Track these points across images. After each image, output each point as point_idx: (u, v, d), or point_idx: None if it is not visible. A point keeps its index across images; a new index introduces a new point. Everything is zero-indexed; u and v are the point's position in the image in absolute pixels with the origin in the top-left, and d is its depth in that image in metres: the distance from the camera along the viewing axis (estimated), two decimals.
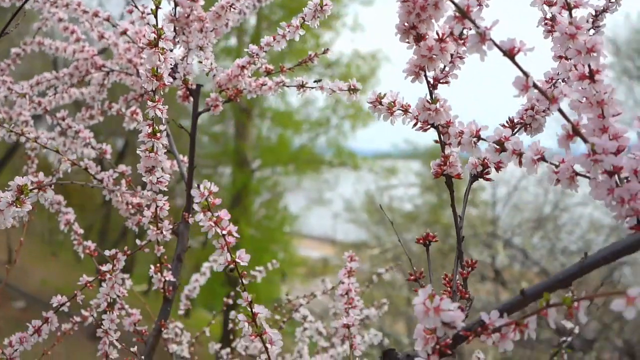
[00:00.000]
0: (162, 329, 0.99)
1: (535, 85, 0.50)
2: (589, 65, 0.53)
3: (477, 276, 6.58)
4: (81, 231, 1.10)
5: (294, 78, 0.98)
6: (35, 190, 0.65)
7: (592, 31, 0.73)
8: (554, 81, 0.71)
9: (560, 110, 0.51)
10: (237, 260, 0.63)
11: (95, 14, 1.10)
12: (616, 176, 0.52)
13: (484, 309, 0.54)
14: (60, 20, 1.20)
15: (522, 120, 0.69)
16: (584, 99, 0.55)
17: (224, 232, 0.62)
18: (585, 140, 0.51)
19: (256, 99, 11.58)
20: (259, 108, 11.78)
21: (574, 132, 0.51)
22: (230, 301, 1.57)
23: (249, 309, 0.65)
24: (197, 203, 0.61)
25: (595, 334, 5.46)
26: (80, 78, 1.18)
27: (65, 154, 1.03)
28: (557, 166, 0.56)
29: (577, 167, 0.56)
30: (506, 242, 5.39)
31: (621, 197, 0.51)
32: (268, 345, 0.65)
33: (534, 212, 6.61)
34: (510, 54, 0.51)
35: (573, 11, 0.56)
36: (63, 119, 1.12)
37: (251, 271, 1.42)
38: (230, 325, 1.47)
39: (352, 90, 0.85)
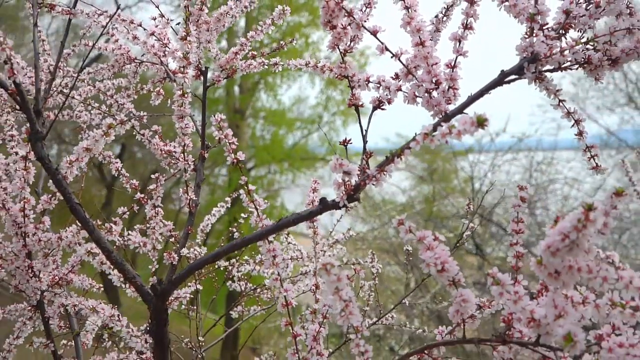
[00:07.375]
0: (189, 232, 1.46)
1: (386, 48, 0.98)
2: (419, 37, 1.01)
3: (463, 250, 7.06)
4: (128, 175, 1.57)
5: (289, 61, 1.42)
6: (119, 125, 1.13)
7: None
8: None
9: (402, 62, 0.99)
10: (238, 158, 1.11)
11: (131, 22, 1.57)
12: (433, 93, 1.00)
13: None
14: (103, 27, 1.67)
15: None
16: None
17: (230, 141, 1.10)
18: (413, 76, 0.99)
19: (249, 100, 12.01)
20: (252, 108, 12.26)
21: (408, 72, 0.99)
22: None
23: (246, 187, 1.13)
24: (213, 125, 1.09)
25: None
26: (120, 68, 1.66)
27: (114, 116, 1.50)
28: (407, 94, 1.04)
29: (417, 93, 1.04)
30: (482, 217, 5.89)
31: (433, 104, 0.99)
32: (257, 207, 1.12)
33: (513, 191, 7.09)
34: (374, 33, 0.99)
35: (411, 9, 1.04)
36: (111, 96, 1.60)
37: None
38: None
39: (307, 65, 1.32)
